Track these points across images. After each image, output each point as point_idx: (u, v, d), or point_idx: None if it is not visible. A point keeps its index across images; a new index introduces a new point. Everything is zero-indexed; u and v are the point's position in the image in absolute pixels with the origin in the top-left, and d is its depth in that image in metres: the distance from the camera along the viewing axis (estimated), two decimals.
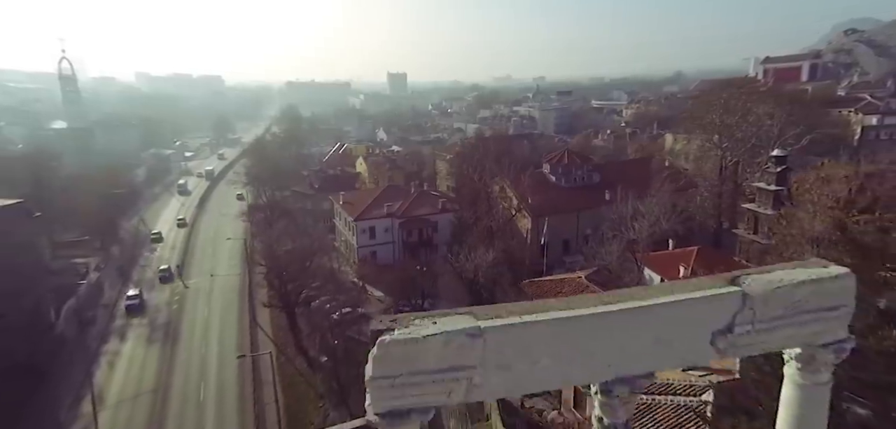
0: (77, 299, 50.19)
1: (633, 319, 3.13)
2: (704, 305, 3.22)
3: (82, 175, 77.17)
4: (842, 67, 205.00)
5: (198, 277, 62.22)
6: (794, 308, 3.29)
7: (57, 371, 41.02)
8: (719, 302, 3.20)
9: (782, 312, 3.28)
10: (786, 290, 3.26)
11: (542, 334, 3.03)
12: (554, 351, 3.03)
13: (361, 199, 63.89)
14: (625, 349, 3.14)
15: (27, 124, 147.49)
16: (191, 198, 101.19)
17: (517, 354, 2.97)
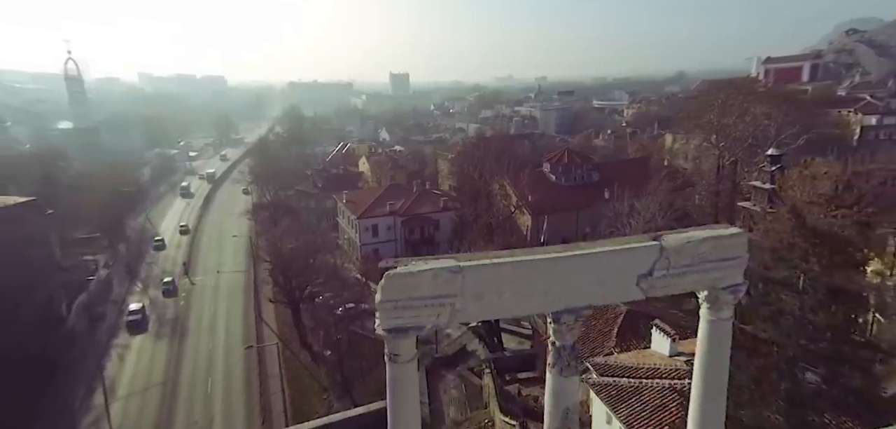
0: (88, 295, 51.45)
1: (577, 264, 4.17)
2: (631, 254, 4.25)
3: (90, 174, 78.50)
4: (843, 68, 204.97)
5: (203, 275, 63.43)
6: (699, 258, 4.31)
7: (69, 364, 42.26)
8: (643, 252, 4.22)
9: (690, 261, 4.30)
10: (693, 244, 4.28)
11: (507, 272, 4.07)
12: (516, 286, 4.08)
13: (364, 197, 65.02)
14: (570, 287, 4.18)
15: (33, 124, 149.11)
16: (193, 201, 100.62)
17: (488, 287, 4.01)
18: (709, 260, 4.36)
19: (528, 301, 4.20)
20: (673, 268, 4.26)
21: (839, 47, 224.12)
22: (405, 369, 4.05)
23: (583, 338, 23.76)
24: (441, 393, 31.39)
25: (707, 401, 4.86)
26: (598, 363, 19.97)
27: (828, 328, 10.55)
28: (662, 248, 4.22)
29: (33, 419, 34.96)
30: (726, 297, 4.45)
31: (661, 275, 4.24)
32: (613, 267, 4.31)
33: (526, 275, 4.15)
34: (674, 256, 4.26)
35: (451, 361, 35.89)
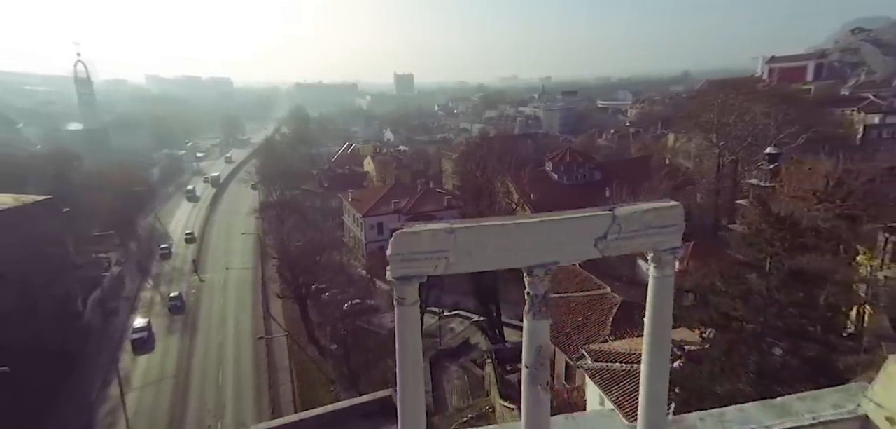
0: (102, 291, 52.97)
1: (546, 228, 5.27)
2: (590, 221, 5.33)
3: (101, 174, 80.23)
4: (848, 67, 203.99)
5: (212, 272, 64.88)
6: (645, 225, 5.39)
7: (86, 356, 43.76)
8: (599, 220, 5.31)
9: (638, 228, 5.38)
10: (639, 214, 5.36)
11: (490, 233, 5.18)
12: (497, 245, 5.19)
13: (369, 196, 66.26)
14: (541, 246, 5.27)
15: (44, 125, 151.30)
16: (199, 204, 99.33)
17: (475, 245, 5.12)
18: (652, 227, 5.44)
19: (506, 257, 5.31)
20: (624, 233, 5.34)
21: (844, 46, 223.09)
22: (410, 310, 5.16)
23: (580, 327, 24.78)
24: (444, 383, 32.55)
25: (655, 344, 5.98)
26: (592, 350, 21.00)
27: (790, 305, 11.62)
28: (615, 216, 5.30)
29: (55, 407, 36.38)
30: (668, 257, 5.54)
31: (614, 238, 5.32)
32: (576, 231, 5.41)
33: (505, 236, 5.27)
34: (624, 224, 5.34)
35: (455, 353, 37.08)
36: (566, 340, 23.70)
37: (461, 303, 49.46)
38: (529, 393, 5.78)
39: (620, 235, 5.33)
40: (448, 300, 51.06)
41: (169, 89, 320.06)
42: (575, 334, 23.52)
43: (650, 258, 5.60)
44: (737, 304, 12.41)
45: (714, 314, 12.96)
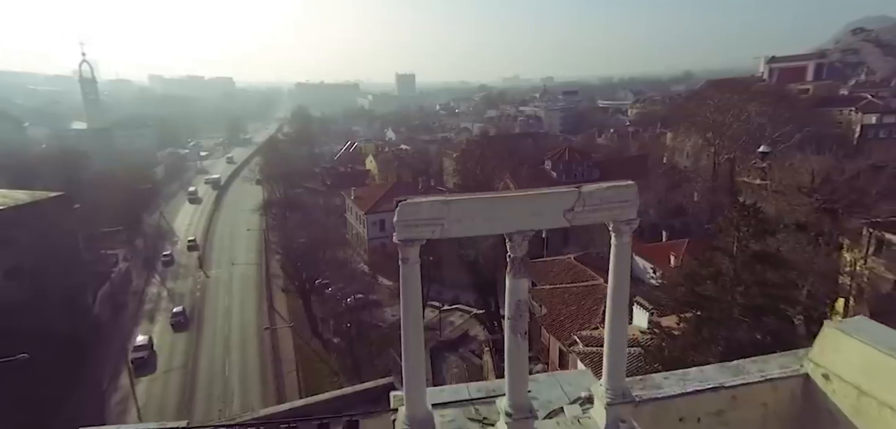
0: (111, 285, 54.29)
1: (524, 201, 6.45)
2: (560, 196, 6.50)
3: (108, 172, 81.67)
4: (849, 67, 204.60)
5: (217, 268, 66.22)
6: (605, 200, 6.55)
7: (97, 348, 45.08)
8: (568, 195, 6.47)
9: (599, 202, 6.54)
10: (601, 190, 6.52)
11: (478, 205, 6.37)
12: (483, 215, 6.37)
13: (372, 194, 67.49)
14: (519, 215, 6.45)
15: (50, 125, 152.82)
16: (201, 207, 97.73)
17: (465, 214, 6.29)
18: (612, 201, 6.62)
19: (490, 225, 6.51)
20: (588, 206, 6.52)
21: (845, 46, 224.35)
22: (412, 269, 6.33)
23: (573, 316, 25.96)
24: (444, 372, 33.77)
25: (616, 302, 7.19)
26: (583, 336, 22.21)
27: (755, 284, 12.80)
28: (580, 192, 6.48)
29: (69, 394, 37.68)
30: (625, 227, 6.72)
31: (580, 210, 6.50)
32: (548, 204, 6.60)
33: (490, 208, 6.49)
34: (588, 199, 6.52)
35: (454, 344, 38.29)
36: (560, 327, 24.90)
37: (461, 297, 50.73)
38: (511, 340, 6.98)
39: (585, 207, 6.50)
40: (448, 295, 52.37)
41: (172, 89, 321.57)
42: (568, 322, 24.69)
43: (611, 228, 6.79)
44: (708, 285, 13.65)
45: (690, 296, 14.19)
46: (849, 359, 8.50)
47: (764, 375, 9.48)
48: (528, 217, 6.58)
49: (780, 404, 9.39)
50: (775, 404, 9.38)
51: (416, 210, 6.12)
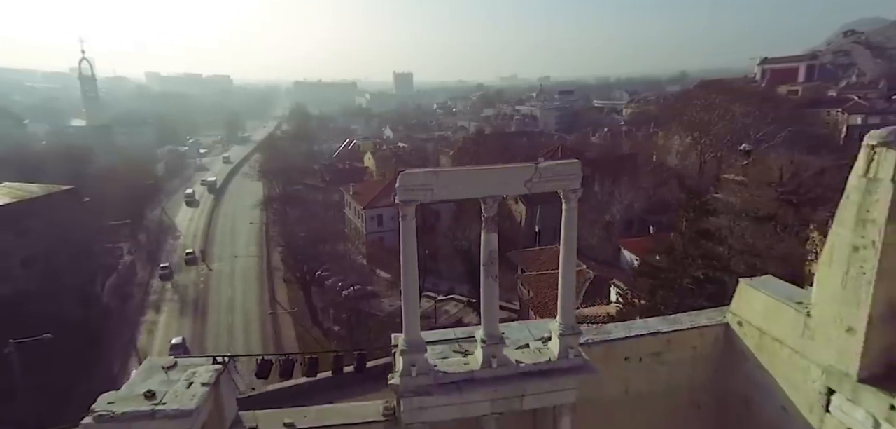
0: (117, 277, 56.16)
1: (494, 173, 8.57)
2: (521, 169, 8.61)
3: (111, 168, 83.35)
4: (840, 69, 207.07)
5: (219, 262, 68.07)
6: (556, 173, 8.65)
7: (107, 334, 46.94)
8: (527, 169, 8.57)
9: (551, 176, 8.65)
10: (552, 167, 8.63)
11: (459, 176, 8.52)
12: (463, 182, 8.52)
13: (370, 190, 69.51)
14: (490, 183, 8.53)
15: (50, 122, 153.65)
16: (199, 211, 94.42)
17: (449, 182, 8.42)
18: (561, 175, 8.73)
19: (468, 190, 8.68)
20: (543, 178, 8.63)
21: (836, 48, 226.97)
22: (409, 223, 8.44)
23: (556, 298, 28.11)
24: None
25: (566, 255, 9.35)
26: None
27: (698, 257, 14.96)
28: (537, 167, 8.62)
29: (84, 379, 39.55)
30: (571, 195, 8.83)
31: (537, 181, 8.59)
32: (513, 175, 8.72)
33: (468, 177, 8.63)
34: (543, 172, 8.63)
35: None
36: (544, 309, 27.00)
37: (456, 288, 52.83)
38: (485, 282, 9.13)
39: (541, 179, 8.64)
40: (444, 286, 54.49)
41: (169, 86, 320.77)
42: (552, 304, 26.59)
43: (562, 195, 8.93)
44: (663, 257, 15.81)
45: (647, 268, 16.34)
46: (754, 308, 10.75)
47: (693, 324, 11.74)
48: (497, 185, 8.72)
49: (706, 347, 11.65)
50: (702, 346, 11.64)
51: (413, 178, 8.27)
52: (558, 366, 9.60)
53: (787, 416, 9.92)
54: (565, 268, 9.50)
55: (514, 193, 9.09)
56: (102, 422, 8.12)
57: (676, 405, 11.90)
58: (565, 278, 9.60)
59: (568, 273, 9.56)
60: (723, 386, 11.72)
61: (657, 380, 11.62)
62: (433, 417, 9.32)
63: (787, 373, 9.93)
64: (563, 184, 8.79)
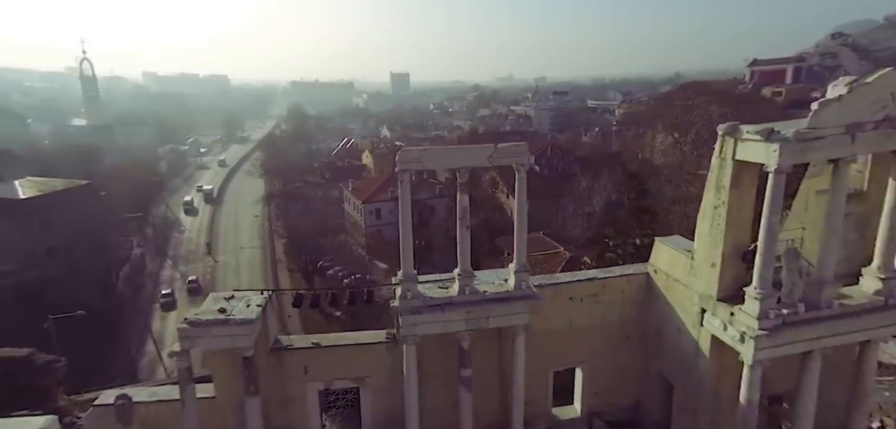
0: (130, 267, 59.40)
1: (465, 150, 12.15)
2: (484, 148, 12.11)
3: (118, 165, 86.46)
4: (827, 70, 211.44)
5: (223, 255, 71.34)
6: (510, 153, 12.16)
7: (123, 320, 50.23)
8: (488, 148, 12.11)
9: (506, 154, 12.16)
10: (506, 147, 12.15)
11: (441, 152, 12.08)
12: (443, 157, 12.10)
13: (368, 185, 72.95)
14: (462, 157, 12.10)
15: (52, 121, 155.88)
16: (198, 221, 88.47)
17: (434, 157, 11.96)
18: (512, 153, 12.18)
19: (447, 161, 12.23)
20: (500, 155, 12.19)
21: (824, 50, 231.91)
22: (405, 187, 12.02)
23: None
24: None
25: (519, 219, 12.99)
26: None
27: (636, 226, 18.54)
28: (496, 148, 12.21)
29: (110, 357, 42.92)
30: (521, 168, 12.40)
31: (496, 157, 11.99)
32: (479, 152, 12.15)
33: (447, 152, 12.21)
34: (501, 151, 12.12)
35: None
36: None
37: None
38: (460, 231, 12.73)
39: (499, 156, 12.21)
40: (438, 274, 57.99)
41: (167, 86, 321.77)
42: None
43: (515, 167, 12.50)
44: (608, 229, 19.41)
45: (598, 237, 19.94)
46: (663, 258, 14.43)
47: (622, 273, 15.41)
48: (467, 159, 12.39)
49: (632, 291, 15.31)
50: (629, 290, 15.30)
51: (408, 154, 11.92)
52: (513, 294, 13.20)
53: (681, 334, 13.55)
54: (519, 221, 13.09)
55: (480, 165, 12.60)
56: (195, 326, 11.68)
57: (609, 337, 15.53)
58: (519, 230, 13.18)
59: (521, 225, 13.14)
60: (644, 322, 15.36)
61: (594, 316, 15.23)
62: (422, 331, 12.91)
63: (681, 302, 13.57)
64: (515, 160, 12.36)
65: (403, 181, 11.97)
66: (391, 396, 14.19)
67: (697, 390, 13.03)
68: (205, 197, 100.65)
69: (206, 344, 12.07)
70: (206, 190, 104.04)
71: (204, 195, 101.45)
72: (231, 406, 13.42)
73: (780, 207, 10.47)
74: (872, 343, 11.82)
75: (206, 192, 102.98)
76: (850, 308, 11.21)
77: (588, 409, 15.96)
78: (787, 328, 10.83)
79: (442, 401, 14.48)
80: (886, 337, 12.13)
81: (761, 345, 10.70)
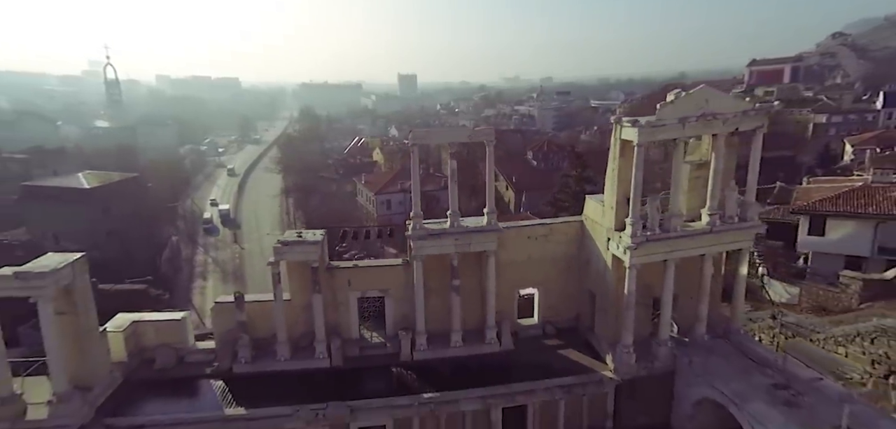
0: (170, 250, 66.92)
1: (453, 128, 19.03)
2: (464, 128, 18.95)
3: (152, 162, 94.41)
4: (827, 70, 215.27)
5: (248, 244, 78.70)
6: (483, 133, 18.79)
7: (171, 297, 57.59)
8: (467, 128, 18.93)
9: (482, 134, 18.71)
10: (479, 130, 18.90)
11: (437, 130, 18.98)
12: (438, 134, 19.02)
13: (380, 178, 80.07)
14: (451, 134, 18.95)
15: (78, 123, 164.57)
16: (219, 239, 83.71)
17: (431, 133, 18.82)
18: (484, 133, 18.62)
19: (441, 137, 19.11)
20: (475, 134, 18.70)
21: (824, 50, 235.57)
22: (416, 156, 18.90)
23: None
24: None
25: (490, 179, 19.97)
26: None
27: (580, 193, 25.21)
28: (473, 130, 19.06)
29: None
30: (489, 144, 19.07)
31: (473, 135, 18.96)
32: (462, 130, 19.07)
33: (440, 131, 19.16)
34: (475, 132, 18.96)
35: None
36: None
37: None
38: (451, 186, 19.59)
39: (475, 135, 19.04)
40: None
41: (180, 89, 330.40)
42: None
43: (485, 143, 19.30)
44: (562, 194, 25.97)
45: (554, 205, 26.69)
46: (591, 207, 21.35)
47: (565, 221, 22.21)
48: (454, 135, 19.33)
49: (571, 233, 22.28)
50: (569, 233, 22.25)
51: (417, 132, 19.07)
52: (485, 228, 20.11)
53: (599, 258, 20.29)
54: (490, 180, 19.90)
55: (462, 140, 19.29)
56: (283, 244, 18.70)
57: (557, 267, 22.27)
58: (489, 187, 19.98)
59: (490, 183, 19.94)
60: (579, 255, 22.11)
61: (546, 252, 22.00)
62: (426, 251, 19.79)
63: (598, 236, 20.32)
64: (485, 137, 19.18)
65: (414, 152, 18.85)
66: (406, 303, 21.07)
67: (606, 294, 19.80)
68: (222, 218, 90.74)
69: (289, 257, 19.03)
70: (223, 210, 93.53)
71: (220, 216, 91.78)
72: (302, 305, 20.40)
73: (642, 168, 17.18)
74: (706, 256, 18.49)
75: (223, 212, 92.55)
76: (689, 231, 17.95)
77: (543, 319, 22.75)
78: (650, 243, 17.56)
79: (439, 308, 21.29)
80: (714, 252, 18.73)
81: (634, 254, 17.43)
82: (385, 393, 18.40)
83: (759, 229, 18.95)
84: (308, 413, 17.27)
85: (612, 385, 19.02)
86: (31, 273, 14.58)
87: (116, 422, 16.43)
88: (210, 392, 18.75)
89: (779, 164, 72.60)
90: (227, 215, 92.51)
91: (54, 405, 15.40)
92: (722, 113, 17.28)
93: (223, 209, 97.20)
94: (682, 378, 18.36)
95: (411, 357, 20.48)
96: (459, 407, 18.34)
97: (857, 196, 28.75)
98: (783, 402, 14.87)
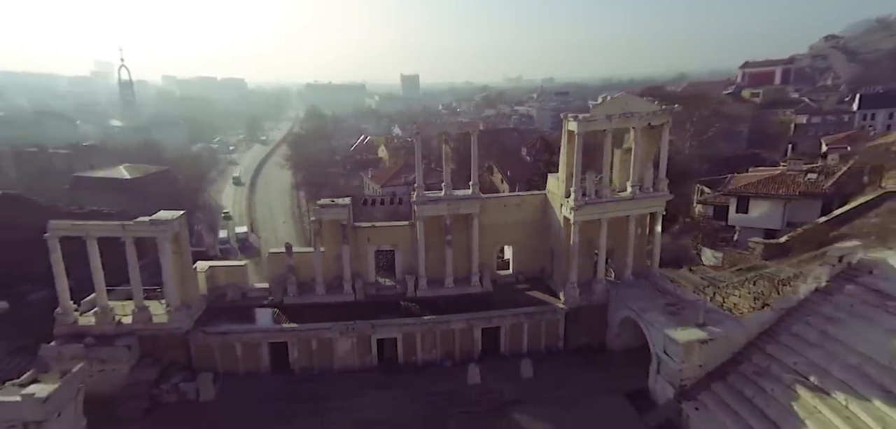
0: (194, 237, 73.97)
1: (449, 120, 25.83)
2: (457, 120, 25.84)
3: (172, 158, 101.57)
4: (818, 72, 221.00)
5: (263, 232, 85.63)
6: (469, 124, 25.69)
7: None
8: (458, 121, 25.75)
9: (468, 124, 25.73)
10: (466, 122, 25.70)
11: (436, 123, 25.80)
12: (435, 125, 25.84)
13: (385, 173, 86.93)
14: (446, 125, 25.83)
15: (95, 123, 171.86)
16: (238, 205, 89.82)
17: (430, 124, 25.75)
18: (469, 124, 25.59)
19: (438, 128, 26.00)
20: (463, 126, 25.73)
21: (816, 52, 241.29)
22: (419, 142, 25.68)
23: None
24: None
25: (474, 160, 26.85)
26: None
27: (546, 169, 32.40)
28: (461, 121, 25.90)
29: None
30: (475, 132, 25.90)
31: (461, 127, 25.86)
32: (452, 121, 26.12)
33: (438, 123, 26.09)
34: (463, 124, 25.87)
35: None
36: None
37: None
38: (445, 165, 26.40)
39: (462, 126, 25.83)
40: None
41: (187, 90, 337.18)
42: None
43: (471, 132, 26.07)
44: (536, 176, 32.67)
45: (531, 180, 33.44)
46: (550, 182, 28.20)
47: (533, 194, 29.16)
48: (446, 124, 25.90)
49: (537, 203, 29.62)
50: (536, 203, 29.55)
51: (422, 123, 25.55)
52: (470, 196, 27.01)
53: (556, 222, 27.07)
54: (474, 161, 26.67)
55: (452, 129, 26.01)
56: (322, 207, 25.64)
57: (527, 231, 29.08)
58: (474, 167, 26.77)
59: (474, 164, 26.70)
60: (543, 220, 28.92)
61: (519, 217, 28.81)
62: (426, 213, 26.67)
63: (556, 205, 27.14)
64: (470, 128, 25.96)
65: (418, 139, 25.61)
66: (411, 255, 27.90)
67: (560, 246, 26.61)
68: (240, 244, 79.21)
69: (325, 216, 25.87)
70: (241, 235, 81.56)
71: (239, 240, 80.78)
72: (333, 255, 27.27)
73: (580, 151, 23.94)
74: (631, 218, 25.29)
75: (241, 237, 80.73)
76: (616, 198, 24.78)
77: (516, 271, 29.58)
78: (588, 206, 24.37)
79: (436, 259, 28.10)
80: (636, 214, 25.48)
81: (576, 214, 24.25)
82: (396, 317, 25.27)
83: (667, 197, 25.70)
84: (342, 326, 24.15)
85: (563, 313, 25.81)
86: (158, 220, 21.50)
87: (209, 328, 23.38)
88: (268, 315, 25.68)
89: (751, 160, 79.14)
90: (246, 241, 79.06)
91: (171, 313, 22.32)
92: (638, 112, 24.08)
93: (241, 232, 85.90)
94: (611, 306, 25.16)
95: (415, 295, 27.32)
96: (450, 326, 25.16)
97: (773, 182, 35.43)
98: (669, 313, 21.65)
